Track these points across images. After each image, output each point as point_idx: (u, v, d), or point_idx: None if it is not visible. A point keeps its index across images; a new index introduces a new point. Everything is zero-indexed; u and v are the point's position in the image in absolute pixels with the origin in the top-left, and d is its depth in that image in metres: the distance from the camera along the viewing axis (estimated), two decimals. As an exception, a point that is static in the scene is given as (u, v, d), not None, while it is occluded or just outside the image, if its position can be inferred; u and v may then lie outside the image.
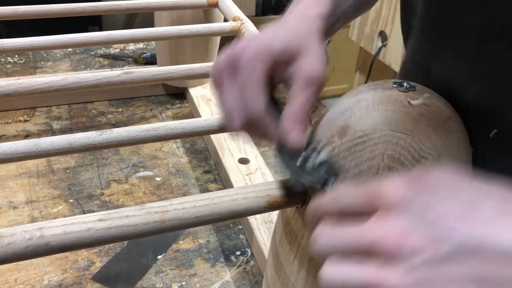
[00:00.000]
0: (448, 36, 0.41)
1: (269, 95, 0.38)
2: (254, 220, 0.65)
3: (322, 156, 0.36)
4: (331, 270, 0.27)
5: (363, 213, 0.27)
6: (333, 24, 0.44)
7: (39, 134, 0.86)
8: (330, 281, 0.27)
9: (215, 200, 0.36)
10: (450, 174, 0.27)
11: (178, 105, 0.98)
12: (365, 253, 0.26)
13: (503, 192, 0.26)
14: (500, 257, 0.23)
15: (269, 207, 0.38)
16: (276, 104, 0.39)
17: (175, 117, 0.95)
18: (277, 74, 0.38)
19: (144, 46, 1.17)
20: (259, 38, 0.38)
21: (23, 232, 0.31)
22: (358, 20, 1.53)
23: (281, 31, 0.39)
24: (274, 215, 0.65)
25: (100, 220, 0.33)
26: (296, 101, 0.37)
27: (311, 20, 0.40)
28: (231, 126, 0.38)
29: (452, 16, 0.39)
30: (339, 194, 0.29)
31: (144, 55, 1.09)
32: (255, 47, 0.37)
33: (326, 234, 0.28)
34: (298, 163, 0.36)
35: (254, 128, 0.38)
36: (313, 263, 0.39)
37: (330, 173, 0.35)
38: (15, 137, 0.85)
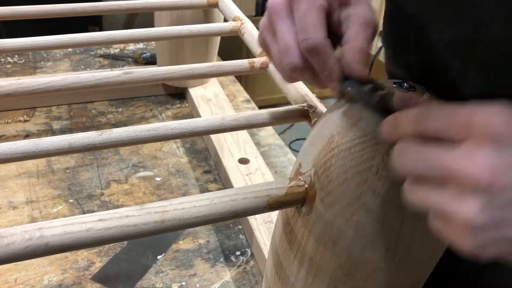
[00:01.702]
0: (417, 51, 0.41)
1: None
2: (254, 220, 0.65)
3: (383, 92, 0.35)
4: (408, 190, 0.27)
5: (451, 139, 0.26)
6: None
7: (39, 134, 0.86)
8: (411, 198, 0.27)
9: (214, 200, 0.36)
10: None
11: (178, 105, 0.98)
12: (448, 180, 0.25)
13: None
14: None
15: (269, 207, 0.37)
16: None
17: (175, 117, 0.95)
18: (333, 15, 0.37)
19: (144, 46, 1.17)
20: None
21: (23, 232, 0.31)
22: (358, 20, 1.53)
23: None
24: (274, 215, 0.65)
25: (99, 220, 0.33)
26: (358, 37, 0.36)
27: None
28: (288, 64, 0.37)
29: (420, 32, 0.39)
30: (427, 111, 0.27)
31: (144, 55, 1.09)
32: None
33: (412, 152, 0.27)
34: (364, 93, 0.35)
35: (314, 59, 0.36)
36: (312, 263, 0.39)
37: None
38: (15, 137, 0.85)
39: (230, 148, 0.80)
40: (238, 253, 0.65)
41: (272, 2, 0.38)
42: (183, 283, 0.60)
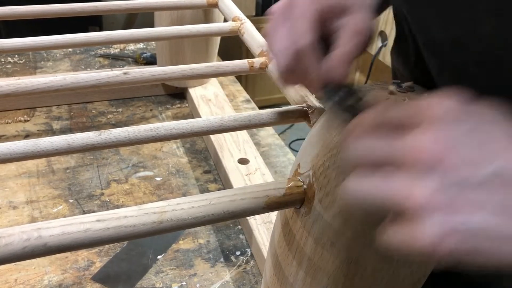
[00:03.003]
0: (413, 49, 0.41)
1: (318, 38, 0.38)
2: (254, 221, 0.65)
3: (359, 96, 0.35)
4: (355, 183, 0.26)
5: (407, 127, 0.26)
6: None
7: (39, 134, 0.86)
8: (352, 193, 0.26)
9: (213, 201, 0.36)
10: (492, 110, 0.25)
11: (178, 105, 0.98)
12: (398, 164, 0.25)
13: None
14: None
15: (268, 208, 0.37)
16: (323, 49, 0.39)
17: (175, 117, 0.95)
18: (327, 23, 0.39)
19: (144, 46, 1.17)
20: None
21: (21, 233, 0.31)
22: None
23: None
24: (274, 215, 0.65)
25: (98, 220, 0.33)
26: (344, 45, 0.37)
27: None
28: (279, 67, 0.38)
29: (418, 33, 0.40)
30: (384, 107, 0.28)
31: (144, 55, 1.09)
32: None
33: (363, 142, 0.27)
34: (337, 98, 0.36)
35: (300, 65, 0.37)
36: (311, 263, 0.39)
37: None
38: (15, 137, 0.85)
39: (230, 148, 0.80)
40: (238, 253, 0.65)
41: (273, 7, 0.40)
42: (183, 283, 0.60)
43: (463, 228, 0.23)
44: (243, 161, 0.77)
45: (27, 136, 0.86)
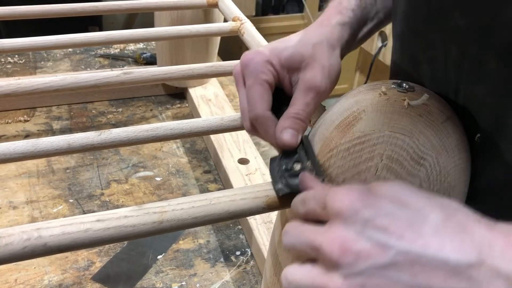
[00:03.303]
0: (431, 40, 0.41)
1: (277, 99, 0.41)
2: (254, 221, 0.65)
3: (306, 163, 0.37)
4: (289, 271, 0.29)
5: (322, 218, 0.29)
6: (359, 30, 0.47)
7: (39, 134, 0.86)
8: (287, 280, 0.29)
9: (213, 201, 0.36)
10: (401, 186, 0.28)
11: (178, 105, 0.98)
12: (316, 255, 0.27)
13: (453, 204, 0.27)
14: (442, 268, 0.24)
15: (268, 208, 0.37)
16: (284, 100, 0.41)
17: (175, 117, 0.95)
18: (285, 80, 0.41)
19: (144, 46, 1.17)
20: (274, 45, 0.42)
21: (21, 233, 0.31)
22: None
23: (295, 40, 0.43)
24: (274, 215, 0.65)
25: (98, 220, 0.33)
26: (295, 104, 0.40)
27: (331, 27, 0.44)
28: (244, 125, 0.42)
29: (436, 19, 0.39)
30: (306, 197, 0.31)
31: (144, 55, 1.09)
32: (266, 53, 0.41)
33: (293, 230, 0.30)
34: (284, 167, 0.38)
35: (258, 127, 0.40)
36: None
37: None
38: (15, 137, 0.85)
39: (230, 148, 0.80)
40: (238, 253, 0.65)
41: (234, 68, 0.43)
42: (183, 283, 0.60)
43: None
44: (243, 161, 0.77)
45: (27, 136, 0.86)
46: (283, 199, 0.37)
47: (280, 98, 0.41)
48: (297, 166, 0.37)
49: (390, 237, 0.25)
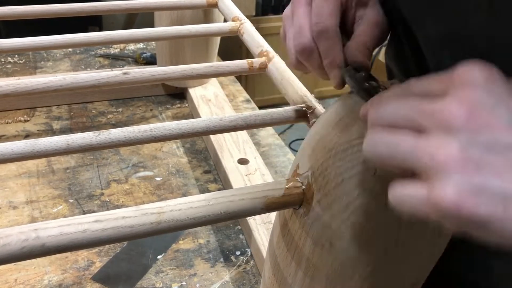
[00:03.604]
0: (410, 47, 0.42)
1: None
2: (253, 221, 0.65)
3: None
4: (377, 137, 0.26)
5: (434, 96, 0.25)
6: None
7: (39, 134, 0.86)
8: (372, 147, 0.26)
9: (211, 202, 0.36)
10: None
11: (178, 105, 0.98)
12: (423, 127, 0.24)
13: None
14: None
15: (266, 209, 0.37)
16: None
17: (175, 117, 0.95)
18: (350, 11, 0.39)
19: (144, 46, 1.17)
20: None
21: (19, 233, 0.31)
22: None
23: None
24: (273, 215, 0.65)
25: (96, 221, 0.33)
26: (364, 35, 0.38)
27: None
28: (299, 43, 0.38)
29: (417, 31, 0.40)
30: (409, 84, 0.28)
31: (144, 55, 1.09)
32: None
33: (387, 104, 0.27)
34: (359, 77, 0.36)
35: (321, 43, 0.37)
36: (310, 264, 0.39)
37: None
38: (15, 137, 0.85)
39: (230, 148, 0.80)
40: (238, 253, 0.65)
41: None
42: (183, 283, 0.60)
43: (488, 190, 0.22)
44: (243, 161, 0.77)
45: (27, 136, 0.86)
46: (283, 199, 0.37)
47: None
48: (373, 83, 0.36)
49: None
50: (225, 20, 0.83)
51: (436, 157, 0.23)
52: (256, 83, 2.29)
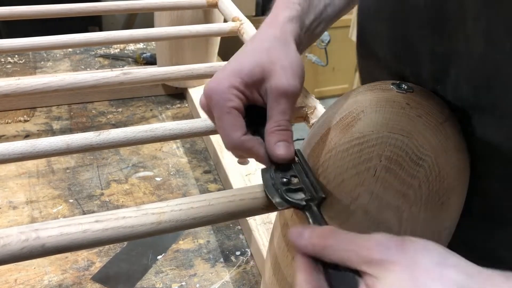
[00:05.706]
0: (410, 64, 0.42)
1: (255, 116, 0.39)
2: (253, 221, 0.65)
3: (308, 179, 0.36)
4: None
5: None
6: (311, 21, 0.45)
7: (39, 134, 0.86)
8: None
9: (212, 202, 0.36)
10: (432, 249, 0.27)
11: (178, 105, 0.98)
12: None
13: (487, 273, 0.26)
14: None
15: (266, 209, 0.37)
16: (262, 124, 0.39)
17: (175, 117, 0.95)
18: (255, 96, 0.39)
19: (144, 46, 1.17)
20: (229, 66, 0.40)
21: (19, 234, 0.31)
22: (359, 19, 1.53)
23: (249, 52, 0.41)
24: (273, 215, 0.65)
25: (96, 221, 0.33)
26: (272, 116, 0.38)
27: (279, 25, 0.42)
28: (228, 148, 0.40)
29: (414, 45, 0.40)
30: (328, 243, 0.29)
31: (144, 55, 1.09)
32: (227, 78, 0.38)
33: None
34: (280, 180, 0.36)
35: (241, 153, 0.39)
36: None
37: (313, 197, 0.34)
38: (15, 137, 0.85)
39: (230, 148, 0.80)
40: (238, 253, 0.65)
41: (200, 101, 0.40)
42: (183, 283, 0.60)
43: None
44: (243, 161, 0.77)
45: (27, 136, 0.86)
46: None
47: (258, 113, 0.39)
48: (295, 180, 0.36)
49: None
50: (225, 20, 0.83)
51: None
52: (256, 83, 2.28)
